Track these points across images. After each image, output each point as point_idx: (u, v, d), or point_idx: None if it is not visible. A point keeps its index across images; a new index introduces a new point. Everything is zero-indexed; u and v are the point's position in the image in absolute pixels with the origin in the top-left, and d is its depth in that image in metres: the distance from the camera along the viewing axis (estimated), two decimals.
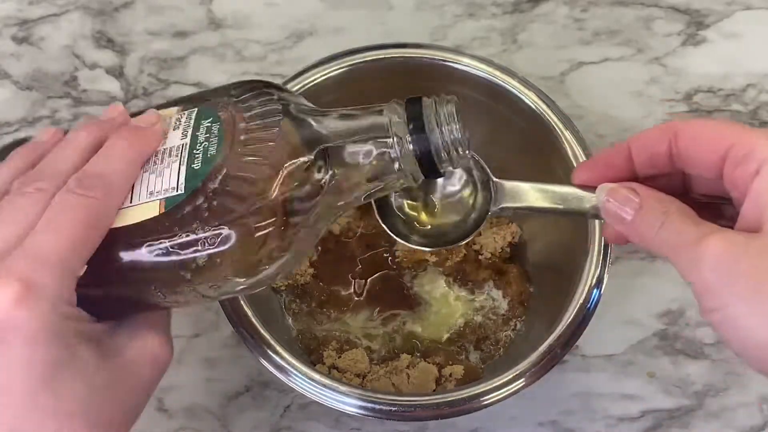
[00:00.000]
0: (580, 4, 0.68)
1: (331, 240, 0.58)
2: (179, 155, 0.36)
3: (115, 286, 0.36)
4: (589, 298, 0.48)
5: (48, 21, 0.67)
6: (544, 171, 0.52)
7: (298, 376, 0.47)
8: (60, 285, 0.33)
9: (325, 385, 0.46)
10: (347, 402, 0.46)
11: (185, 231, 0.35)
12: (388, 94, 0.54)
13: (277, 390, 0.56)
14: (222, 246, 0.35)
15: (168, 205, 0.35)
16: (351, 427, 0.55)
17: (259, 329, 0.47)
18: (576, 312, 0.48)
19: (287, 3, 0.68)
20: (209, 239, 0.35)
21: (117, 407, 0.35)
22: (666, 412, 0.56)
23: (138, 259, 0.35)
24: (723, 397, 0.56)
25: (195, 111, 0.38)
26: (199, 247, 0.35)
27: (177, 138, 0.37)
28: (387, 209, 0.42)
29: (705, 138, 0.37)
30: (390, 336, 0.56)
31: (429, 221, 0.43)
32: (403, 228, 0.42)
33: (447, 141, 0.37)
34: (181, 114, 0.38)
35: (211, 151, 0.36)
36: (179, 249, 0.35)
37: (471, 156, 0.41)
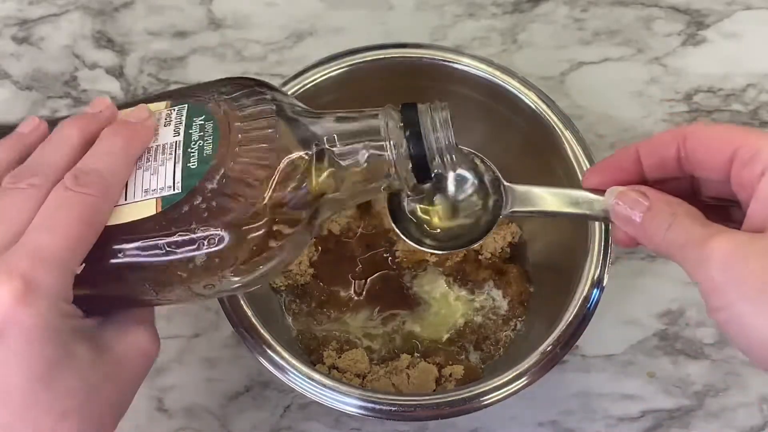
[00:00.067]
0: (580, 4, 0.68)
1: (331, 240, 0.58)
2: (173, 153, 0.36)
3: (108, 283, 0.36)
4: (589, 298, 0.48)
5: (48, 21, 0.67)
6: (544, 171, 0.53)
7: (298, 376, 0.47)
8: (60, 283, 0.33)
9: (325, 385, 0.46)
10: (347, 402, 0.46)
11: (183, 230, 0.35)
12: (388, 94, 0.54)
13: (277, 390, 0.56)
14: (220, 246, 0.35)
15: (165, 204, 0.35)
16: (351, 427, 0.55)
17: (259, 329, 0.47)
18: (576, 312, 0.48)
19: (287, 3, 0.68)
20: (208, 239, 0.35)
21: (109, 402, 0.35)
22: (666, 412, 0.56)
23: (133, 258, 0.35)
24: (723, 397, 0.56)
25: (185, 107, 0.38)
26: (197, 247, 0.35)
27: (169, 135, 0.37)
28: (399, 213, 0.42)
29: (713, 141, 0.38)
30: (390, 336, 0.56)
31: (440, 225, 0.43)
32: (415, 232, 0.43)
33: (442, 147, 0.38)
34: (171, 110, 0.38)
35: (207, 151, 0.36)
36: (176, 248, 0.35)
37: (482, 160, 0.42)
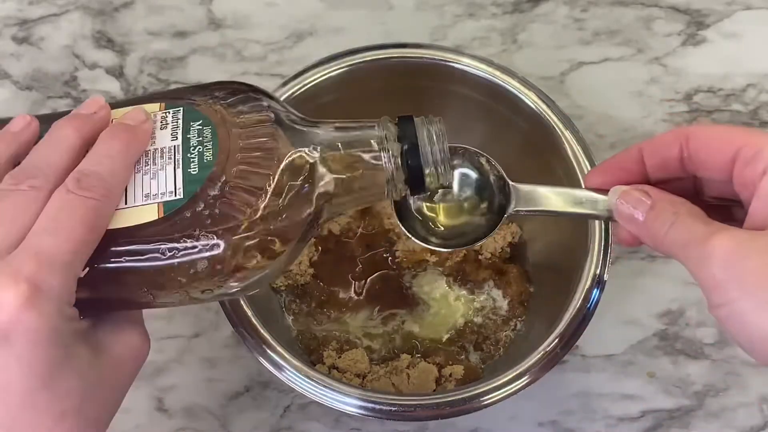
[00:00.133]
0: (580, 4, 0.68)
1: (331, 240, 0.58)
2: (173, 158, 0.36)
3: (108, 286, 0.36)
4: (589, 298, 0.48)
5: (48, 21, 0.67)
6: (544, 171, 0.53)
7: (297, 376, 0.47)
8: (64, 286, 0.33)
9: (325, 385, 0.46)
10: (347, 402, 0.46)
11: (185, 236, 0.35)
12: (388, 94, 0.55)
13: (277, 390, 0.56)
14: (222, 252, 0.35)
15: (167, 210, 0.35)
16: (351, 427, 0.55)
17: (259, 329, 0.47)
18: (576, 312, 0.48)
19: (287, 3, 0.68)
20: (210, 245, 0.35)
21: (105, 402, 0.36)
22: (666, 412, 0.56)
23: (134, 262, 0.35)
24: (723, 397, 0.56)
25: (180, 111, 0.38)
26: (199, 253, 0.35)
27: (167, 139, 0.37)
28: (405, 211, 0.43)
29: (715, 141, 0.38)
30: (390, 336, 0.56)
31: (446, 223, 0.44)
32: (421, 230, 0.43)
33: (437, 159, 0.38)
34: (166, 112, 0.38)
35: (207, 156, 0.36)
36: (178, 254, 0.35)
37: (488, 159, 0.43)
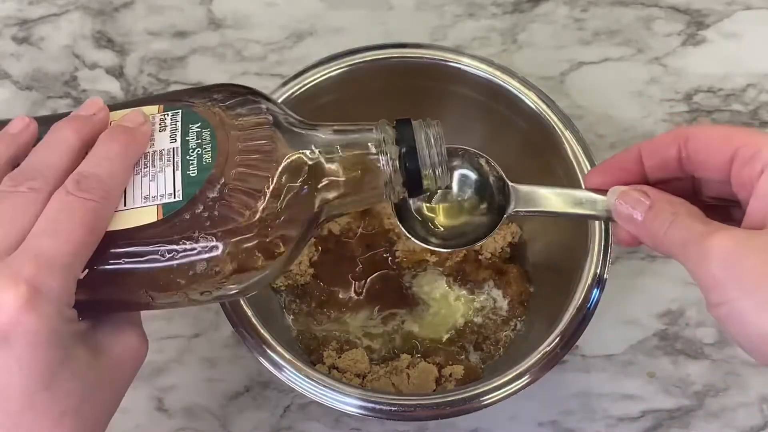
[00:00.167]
0: (580, 4, 0.68)
1: (331, 240, 0.58)
2: (171, 160, 0.36)
3: (106, 288, 0.36)
4: (589, 298, 0.48)
5: (48, 21, 0.67)
6: (544, 171, 0.53)
7: (297, 376, 0.47)
8: (64, 288, 0.33)
9: (325, 385, 0.46)
10: (347, 402, 0.46)
11: (184, 238, 0.35)
12: (388, 94, 0.55)
13: (277, 390, 0.56)
14: (221, 254, 0.35)
15: (166, 212, 0.35)
16: (351, 427, 0.55)
17: (259, 329, 0.47)
18: (576, 312, 0.48)
19: (287, 3, 0.68)
20: (208, 247, 0.35)
21: (103, 403, 0.36)
22: (666, 412, 0.56)
23: (133, 264, 0.35)
24: (723, 397, 0.56)
25: (179, 113, 0.38)
26: (198, 255, 0.35)
27: (165, 141, 0.37)
28: (405, 212, 0.43)
29: (713, 142, 0.38)
30: (390, 336, 0.56)
31: (445, 223, 0.44)
32: (421, 230, 0.43)
33: (435, 162, 0.39)
34: (164, 115, 0.38)
35: (206, 159, 0.36)
36: (177, 255, 0.35)
37: (487, 160, 0.43)
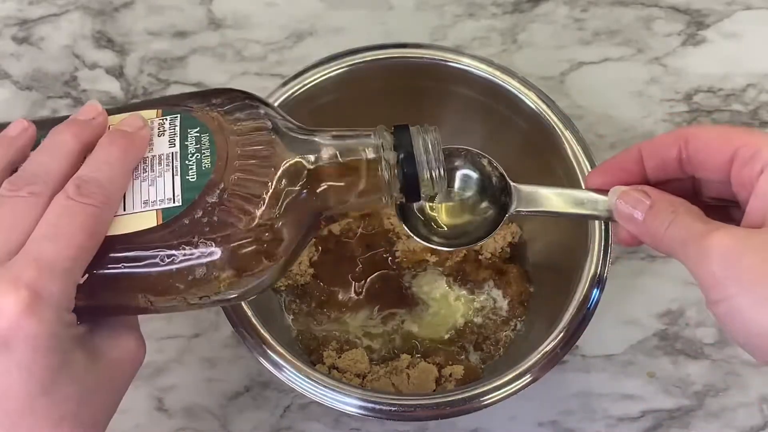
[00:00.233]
0: (580, 4, 0.68)
1: (331, 240, 0.58)
2: (171, 165, 0.36)
3: (105, 292, 0.36)
4: (589, 298, 0.48)
5: (48, 21, 0.67)
6: (544, 171, 0.53)
7: (297, 376, 0.47)
8: (64, 293, 0.33)
9: (325, 385, 0.46)
10: (347, 402, 0.46)
11: (183, 243, 0.35)
12: (388, 94, 0.55)
13: (277, 390, 0.56)
14: (220, 259, 0.35)
15: (166, 217, 0.35)
16: (351, 427, 0.55)
17: (259, 329, 0.47)
18: (576, 312, 0.48)
19: (287, 3, 0.68)
20: (208, 252, 0.35)
21: (102, 406, 0.36)
22: (666, 412, 0.56)
23: (132, 268, 0.35)
24: (723, 397, 0.56)
25: (177, 117, 0.38)
26: (197, 260, 0.35)
27: (164, 145, 0.37)
28: (407, 211, 0.43)
29: (713, 142, 0.39)
30: (390, 336, 0.56)
31: (447, 222, 0.44)
32: (423, 229, 0.43)
33: (432, 168, 0.39)
34: (163, 119, 0.38)
35: (206, 164, 0.36)
36: (176, 261, 0.35)
37: (489, 161, 0.43)
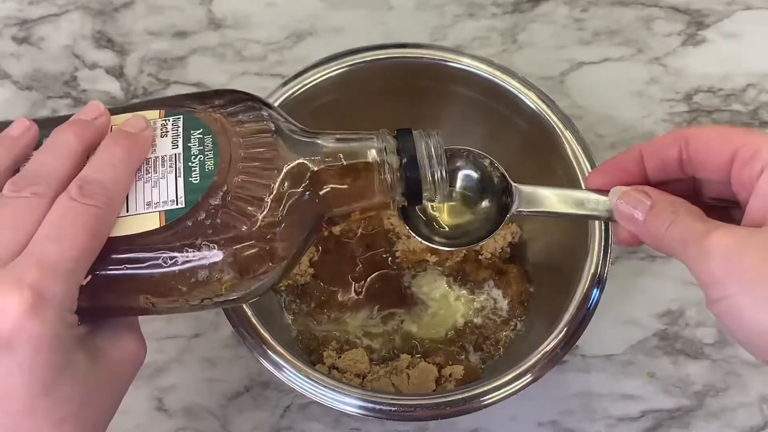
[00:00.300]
0: (580, 4, 0.68)
1: (331, 240, 0.58)
2: (174, 166, 0.36)
3: (107, 293, 0.36)
4: (589, 298, 0.48)
5: (48, 21, 0.67)
6: (544, 171, 0.53)
7: (297, 376, 0.47)
8: (67, 294, 0.33)
9: (325, 385, 0.46)
10: (347, 402, 0.46)
11: (186, 245, 0.35)
12: (388, 94, 0.55)
13: (277, 390, 0.56)
14: (223, 262, 0.35)
15: (168, 218, 0.35)
16: (351, 427, 0.55)
17: (259, 329, 0.47)
18: (576, 312, 0.48)
19: (287, 3, 0.68)
20: (210, 255, 0.35)
21: (103, 407, 0.36)
22: (666, 412, 0.56)
23: (134, 270, 0.35)
24: (723, 397, 0.56)
25: (180, 118, 0.38)
26: (200, 262, 0.35)
27: (167, 146, 0.37)
28: (409, 211, 0.43)
29: (714, 142, 0.39)
30: (390, 336, 0.56)
31: (449, 222, 0.44)
32: (424, 229, 0.43)
33: (435, 172, 0.39)
34: (166, 120, 0.38)
35: (209, 166, 0.36)
36: (179, 262, 0.35)
37: (491, 161, 0.43)
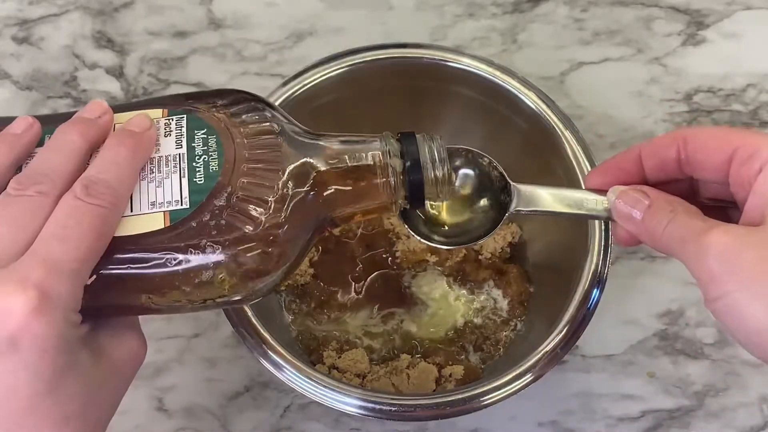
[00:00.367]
0: (580, 4, 0.68)
1: (332, 240, 0.58)
2: (178, 166, 0.36)
3: (110, 293, 0.36)
4: (589, 298, 0.48)
5: (48, 21, 0.67)
6: (544, 171, 0.53)
7: (297, 376, 0.47)
8: (72, 293, 0.33)
9: (325, 385, 0.46)
10: (347, 402, 0.46)
11: (191, 246, 0.35)
12: (388, 94, 0.55)
13: (277, 390, 0.56)
14: (226, 262, 0.35)
15: (173, 219, 0.35)
16: (351, 427, 0.55)
17: (259, 329, 0.47)
18: (576, 312, 0.48)
19: (287, 3, 0.68)
20: (214, 255, 0.35)
21: (105, 406, 0.36)
22: (666, 412, 0.56)
23: (138, 270, 0.35)
24: (723, 397, 0.56)
25: (184, 118, 0.38)
26: (203, 263, 0.35)
27: (171, 146, 0.37)
28: (409, 211, 0.43)
29: (712, 142, 0.39)
30: (390, 336, 0.56)
31: (448, 221, 0.44)
32: (423, 228, 0.43)
33: (438, 176, 0.39)
34: (169, 119, 0.38)
35: (213, 167, 0.36)
36: (183, 263, 0.35)
37: (490, 161, 0.43)
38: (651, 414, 0.56)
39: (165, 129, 0.37)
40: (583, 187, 0.43)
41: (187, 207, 0.35)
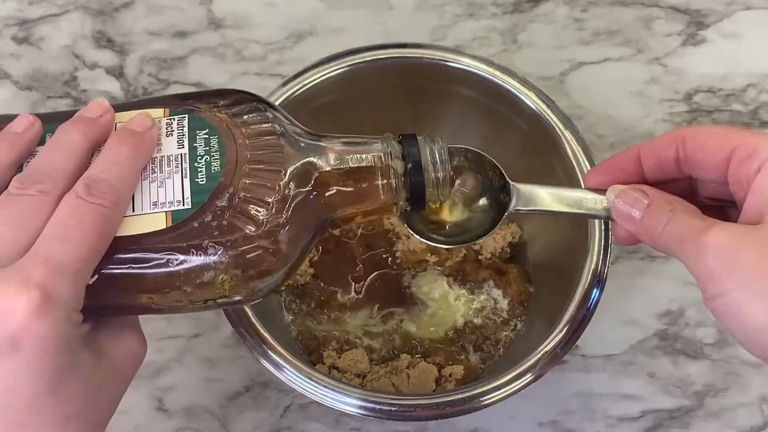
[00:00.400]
0: (580, 4, 0.68)
1: (332, 240, 0.58)
2: (180, 166, 0.36)
3: (111, 293, 0.36)
4: (589, 297, 0.48)
5: (48, 21, 0.67)
6: (544, 171, 0.53)
7: (298, 376, 0.47)
8: (73, 293, 0.33)
9: (325, 385, 0.46)
10: (347, 402, 0.46)
11: (192, 246, 0.35)
12: (388, 94, 0.55)
13: (277, 390, 0.56)
14: (228, 263, 0.35)
15: (175, 219, 0.35)
16: (351, 427, 0.55)
17: (259, 329, 0.47)
18: (576, 312, 0.48)
19: (287, 3, 0.68)
20: (216, 256, 0.35)
21: (105, 405, 0.36)
22: (666, 412, 0.56)
23: (139, 270, 0.35)
24: (723, 397, 0.56)
25: (185, 118, 0.38)
26: (205, 263, 0.35)
27: (173, 146, 0.37)
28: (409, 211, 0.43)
29: (711, 141, 0.39)
30: (390, 336, 0.56)
31: (448, 220, 0.44)
32: (423, 227, 0.44)
33: (439, 177, 0.39)
34: (171, 119, 0.38)
35: (215, 167, 0.36)
36: (184, 263, 0.35)
37: (489, 160, 0.43)
38: (651, 414, 0.56)
39: (167, 129, 0.37)
40: (583, 187, 0.43)
41: (189, 207, 0.35)
